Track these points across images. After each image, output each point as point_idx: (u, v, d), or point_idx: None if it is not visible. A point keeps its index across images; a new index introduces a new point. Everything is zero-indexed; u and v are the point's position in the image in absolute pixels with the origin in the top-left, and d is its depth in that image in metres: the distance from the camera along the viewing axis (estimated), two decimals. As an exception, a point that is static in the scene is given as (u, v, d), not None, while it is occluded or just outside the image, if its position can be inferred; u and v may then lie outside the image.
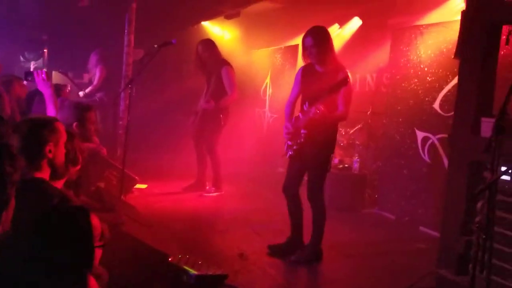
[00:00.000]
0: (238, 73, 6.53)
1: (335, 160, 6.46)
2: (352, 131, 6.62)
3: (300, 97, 4.16)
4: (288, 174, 4.14)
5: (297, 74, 4.19)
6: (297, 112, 4.12)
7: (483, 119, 2.98)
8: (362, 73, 7.57)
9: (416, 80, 5.36)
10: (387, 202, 5.76)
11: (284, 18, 8.19)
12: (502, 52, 4.41)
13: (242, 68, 8.47)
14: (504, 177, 2.94)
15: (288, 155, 4.07)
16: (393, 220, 5.57)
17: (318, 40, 3.82)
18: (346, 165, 6.14)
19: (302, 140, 3.89)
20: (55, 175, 2.42)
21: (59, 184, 2.49)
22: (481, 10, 3.07)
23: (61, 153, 2.43)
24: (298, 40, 8.75)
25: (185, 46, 8.66)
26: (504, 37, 4.45)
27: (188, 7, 8.05)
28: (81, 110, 4.30)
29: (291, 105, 4.20)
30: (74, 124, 4.65)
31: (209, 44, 6.12)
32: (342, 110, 3.84)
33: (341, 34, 8.12)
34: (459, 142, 3.19)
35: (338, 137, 6.86)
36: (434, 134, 5.08)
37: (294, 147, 3.98)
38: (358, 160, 6.06)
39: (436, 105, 5.04)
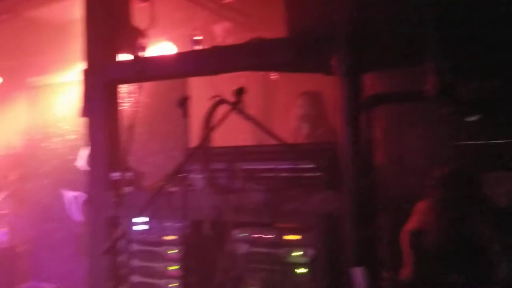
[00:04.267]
0: None
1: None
2: (-4, 200, 5.88)
3: None
4: None
5: None
6: None
7: (114, 174, 3.07)
8: (7, 135, 6.93)
9: (57, 139, 5.22)
10: (44, 271, 5.31)
11: None
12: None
13: None
14: (140, 227, 3.09)
15: None
16: (53, 289, 5.15)
17: None
18: (-10, 241, 5.37)
19: None
20: None
21: None
22: (99, 70, 3.22)
23: None
24: None
25: None
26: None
27: None
28: None
29: None
30: None
31: None
32: None
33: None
34: (95, 199, 3.19)
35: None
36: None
37: None
38: (6, 231, 5.39)
39: (79, 163, 5.00)
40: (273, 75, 5.19)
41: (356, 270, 2.23)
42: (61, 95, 5.27)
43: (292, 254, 2.61)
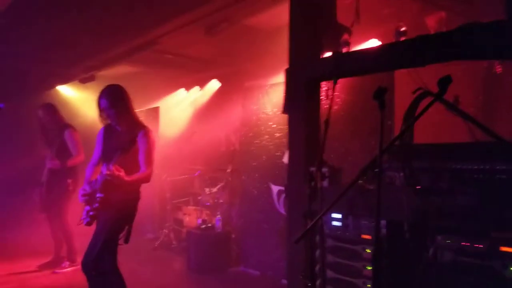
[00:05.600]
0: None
1: (198, 221, 6.35)
2: (215, 189, 6.61)
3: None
4: (88, 246, 3.62)
5: (98, 134, 3.91)
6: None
7: (311, 168, 3.11)
8: (227, 133, 7.75)
9: (267, 136, 5.58)
10: (251, 258, 5.75)
11: (143, 81, 8.14)
12: (336, 108, 4.83)
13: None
14: (336, 223, 3.07)
15: (84, 222, 3.62)
16: (258, 276, 5.54)
17: (113, 101, 3.65)
18: (209, 225, 6.05)
19: (98, 205, 3.55)
20: None
21: None
22: (300, 68, 3.30)
23: None
24: (160, 103, 8.79)
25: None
26: (337, 93, 4.87)
27: (39, 72, 7.64)
28: None
29: (92, 167, 3.87)
30: None
31: (50, 109, 5.82)
32: (143, 170, 3.60)
33: (202, 95, 8.32)
34: (293, 192, 3.29)
35: (204, 197, 6.85)
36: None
37: (91, 213, 3.59)
38: (220, 218, 6.00)
39: (285, 159, 5.23)
40: (498, 68, 4.57)
41: None
42: (271, 95, 5.61)
43: (510, 269, 2.23)
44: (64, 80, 8.46)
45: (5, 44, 6.10)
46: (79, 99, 9.09)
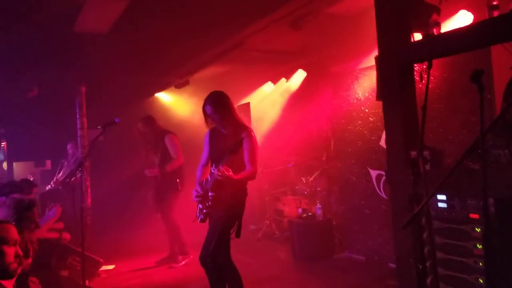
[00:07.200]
0: (195, 137, 6.61)
1: (299, 210, 6.52)
2: (311, 178, 6.74)
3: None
4: (204, 241, 3.89)
5: (205, 137, 4.16)
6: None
7: (412, 153, 3.13)
8: (318, 121, 7.81)
9: (360, 121, 5.58)
10: (356, 244, 5.81)
11: (233, 79, 8.46)
12: (430, 86, 4.72)
13: (199, 132, 8.54)
14: (441, 204, 3.07)
15: (198, 219, 3.96)
16: (363, 261, 5.60)
17: (217, 106, 3.86)
18: (310, 214, 6.20)
19: (210, 203, 3.83)
20: (4, 274, 2.39)
21: (9, 283, 2.46)
22: (391, 53, 3.30)
23: (9, 254, 2.41)
24: (249, 98, 9.08)
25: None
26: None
27: (138, 83, 8.28)
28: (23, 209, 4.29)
29: (202, 168, 4.13)
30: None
31: (148, 120, 6.30)
32: (249, 169, 3.79)
33: (289, 87, 8.44)
34: (394, 177, 3.32)
35: (301, 186, 7.02)
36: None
37: (204, 211, 3.89)
38: (320, 206, 6.12)
39: (382, 143, 5.23)
40: None
41: None
42: (361, 80, 5.60)
43: None
44: (162, 87, 9.08)
45: (111, 61, 6.71)
46: (175, 104, 9.71)
